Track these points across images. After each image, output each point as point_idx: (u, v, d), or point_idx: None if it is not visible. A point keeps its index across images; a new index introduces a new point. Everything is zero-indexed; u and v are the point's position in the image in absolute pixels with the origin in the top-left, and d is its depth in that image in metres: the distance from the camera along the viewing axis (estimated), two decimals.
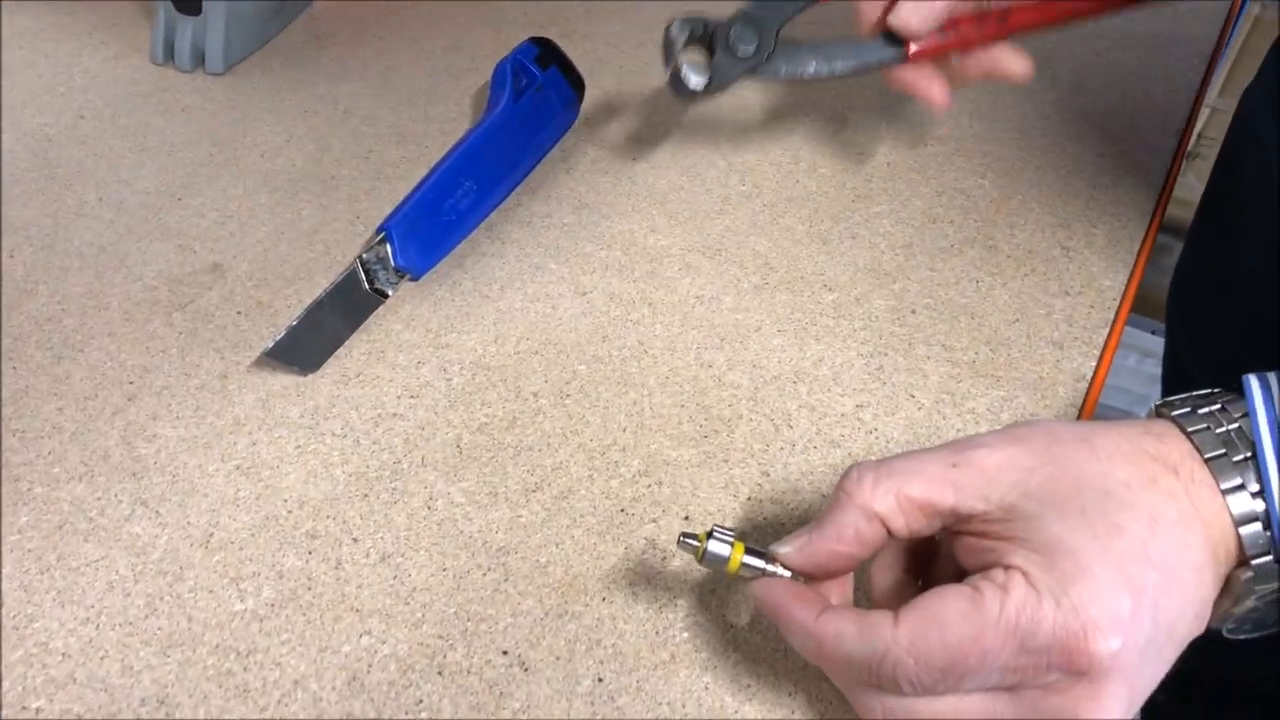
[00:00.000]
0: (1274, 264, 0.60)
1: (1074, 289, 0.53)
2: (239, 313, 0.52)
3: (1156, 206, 0.57)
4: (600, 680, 0.39)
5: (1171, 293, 0.75)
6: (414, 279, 0.52)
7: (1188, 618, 0.31)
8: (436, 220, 0.53)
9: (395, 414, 0.47)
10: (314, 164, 0.60)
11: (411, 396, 0.48)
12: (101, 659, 0.39)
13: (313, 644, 0.40)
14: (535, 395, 0.48)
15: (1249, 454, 0.32)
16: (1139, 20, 0.71)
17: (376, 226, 0.52)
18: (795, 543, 0.35)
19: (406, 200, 0.52)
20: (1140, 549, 0.30)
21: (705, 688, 0.39)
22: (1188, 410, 0.33)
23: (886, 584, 0.37)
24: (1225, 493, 0.31)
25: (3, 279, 0.53)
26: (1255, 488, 0.31)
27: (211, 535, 0.43)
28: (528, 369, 0.49)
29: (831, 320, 0.51)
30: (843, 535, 0.34)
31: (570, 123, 0.61)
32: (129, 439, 0.46)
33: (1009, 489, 0.32)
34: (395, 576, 0.42)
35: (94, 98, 0.64)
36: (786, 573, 0.36)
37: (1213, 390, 0.34)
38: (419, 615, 0.41)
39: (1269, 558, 0.31)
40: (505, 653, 0.40)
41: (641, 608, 0.41)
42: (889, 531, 0.34)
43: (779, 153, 0.61)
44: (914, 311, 0.52)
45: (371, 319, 0.51)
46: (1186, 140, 0.62)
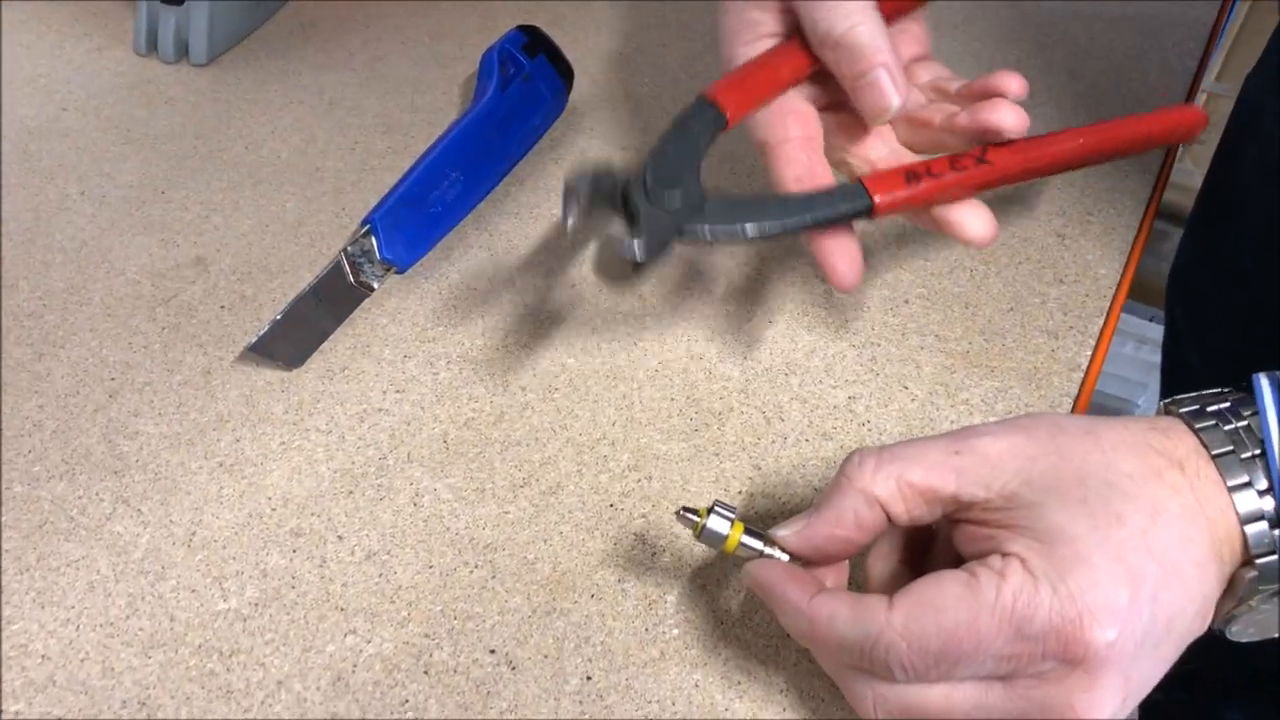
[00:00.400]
0: (1277, 252, 0.60)
1: (1069, 277, 0.52)
2: (222, 307, 0.51)
3: (1153, 193, 0.56)
4: (589, 678, 0.38)
5: (1171, 280, 0.75)
6: (400, 272, 0.51)
7: (1188, 614, 0.31)
8: (422, 212, 0.52)
9: (381, 409, 0.47)
10: (299, 155, 0.59)
11: (397, 391, 0.47)
12: (82, 661, 0.39)
13: (297, 643, 0.39)
14: (523, 389, 0.47)
15: (1257, 451, 0.31)
16: (1134, 3, 0.70)
17: (361, 219, 0.51)
18: (794, 526, 0.35)
19: (392, 192, 0.51)
20: (1141, 540, 0.30)
21: (695, 685, 0.38)
22: (1196, 408, 0.33)
23: (882, 573, 0.36)
24: (1232, 490, 0.31)
25: None
26: (1263, 485, 0.31)
27: (194, 534, 0.42)
28: (515, 362, 0.49)
29: (823, 310, 0.51)
30: (842, 519, 0.34)
31: (559, 112, 0.60)
32: (110, 436, 0.46)
33: (1011, 476, 0.32)
34: (381, 574, 0.41)
35: (76, 90, 0.64)
36: (784, 556, 0.35)
37: (1221, 390, 0.33)
38: (405, 614, 0.40)
39: (1274, 557, 0.31)
40: (492, 651, 0.39)
41: (631, 604, 0.40)
42: (889, 518, 0.34)
43: None
44: (907, 301, 0.51)
45: (357, 313, 0.50)
46: None
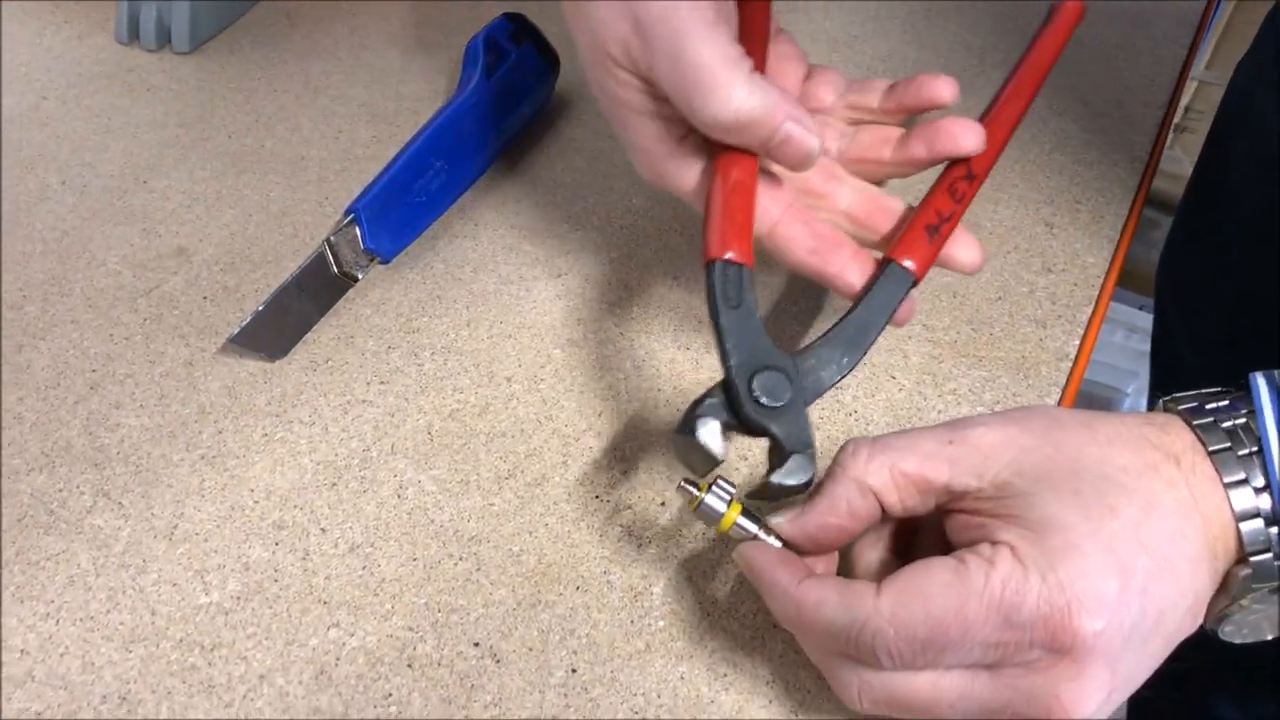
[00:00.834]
0: (1267, 241, 0.59)
1: (1057, 266, 0.52)
2: (205, 298, 0.51)
3: (1141, 182, 0.56)
4: (574, 671, 0.38)
5: (1161, 269, 0.74)
6: (384, 262, 0.51)
7: (1179, 610, 0.30)
8: (407, 201, 0.51)
9: (365, 400, 0.46)
10: (283, 144, 0.59)
11: (381, 383, 0.47)
12: (61, 655, 0.38)
13: (279, 637, 0.39)
14: (509, 380, 0.47)
15: (1255, 449, 0.31)
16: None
17: (345, 208, 0.50)
18: (788, 513, 0.35)
19: (376, 181, 0.51)
20: (1133, 532, 0.30)
21: (681, 677, 0.38)
22: (1194, 405, 0.33)
23: (870, 562, 0.36)
24: (1228, 486, 0.31)
25: None
26: (1259, 483, 0.31)
27: (176, 527, 0.42)
28: (501, 353, 0.48)
29: (810, 300, 0.50)
30: (835, 508, 0.34)
31: (545, 100, 0.59)
32: (91, 428, 0.45)
33: (1004, 467, 0.32)
34: (364, 567, 0.41)
35: (56, 78, 0.63)
36: (777, 543, 0.35)
37: (1220, 389, 0.33)
38: (388, 607, 0.40)
39: (1269, 555, 0.30)
40: (477, 644, 0.39)
41: (616, 596, 0.40)
42: (883, 508, 0.34)
43: None
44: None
45: (340, 303, 0.50)
46: (1172, 114, 0.61)
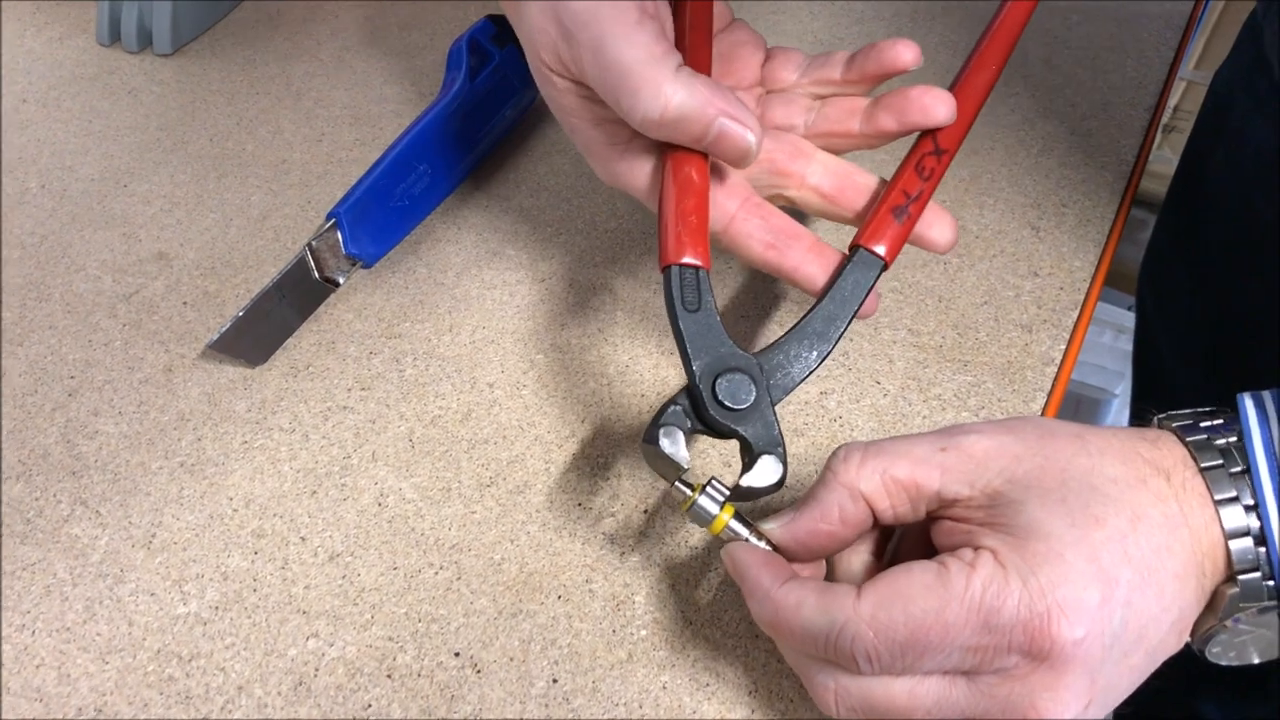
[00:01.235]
0: (1247, 248, 0.59)
1: (1043, 270, 0.51)
2: (185, 303, 0.50)
3: (1128, 185, 0.56)
4: (555, 681, 0.38)
5: (1143, 271, 0.74)
6: (366, 266, 0.50)
7: (1163, 625, 0.30)
8: (389, 205, 0.51)
9: (345, 407, 0.46)
10: (265, 148, 0.58)
11: (363, 389, 0.47)
12: (37, 667, 0.38)
13: (258, 647, 0.38)
14: (491, 386, 0.47)
15: (1246, 467, 0.31)
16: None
17: (327, 213, 0.50)
18: (779, 518, 0.35)
19: (358, 185, 0.50)
20: (1119, 543, 0.30)
21: (663, 687, 0.38)
22: (1188, 422, 0.33)
23: (851, 567, 0.36)
24: (1218, 504, 0.31)
25: None
26: (1250, 501, 0.31)
27: (154, 536, 0.42)
28: (483, 359, 0.48)
29: (794, 305, 0.50)
30: (826, 514, 0.33)
31: (529, 104, 0.59)
32: (69, 436, 0.45)
33: (995, 475, 0.32)
34: (344, 576, 0.40)
35: (36, 80, 0.62)
36: (767, 547, 0.35)
37: (1214, 409, 0.33)
38: (368, 616, 0.39)
39: (1256, 574, 0.30)
40: (457, 654, 0.38)
41: (598, 605, 0.40)
42: (874, 515, 0.33)
43: None
44: (879, 295, 0.50)
45: (322, 308, 0.49)
46: (1159, 116, 0.61)
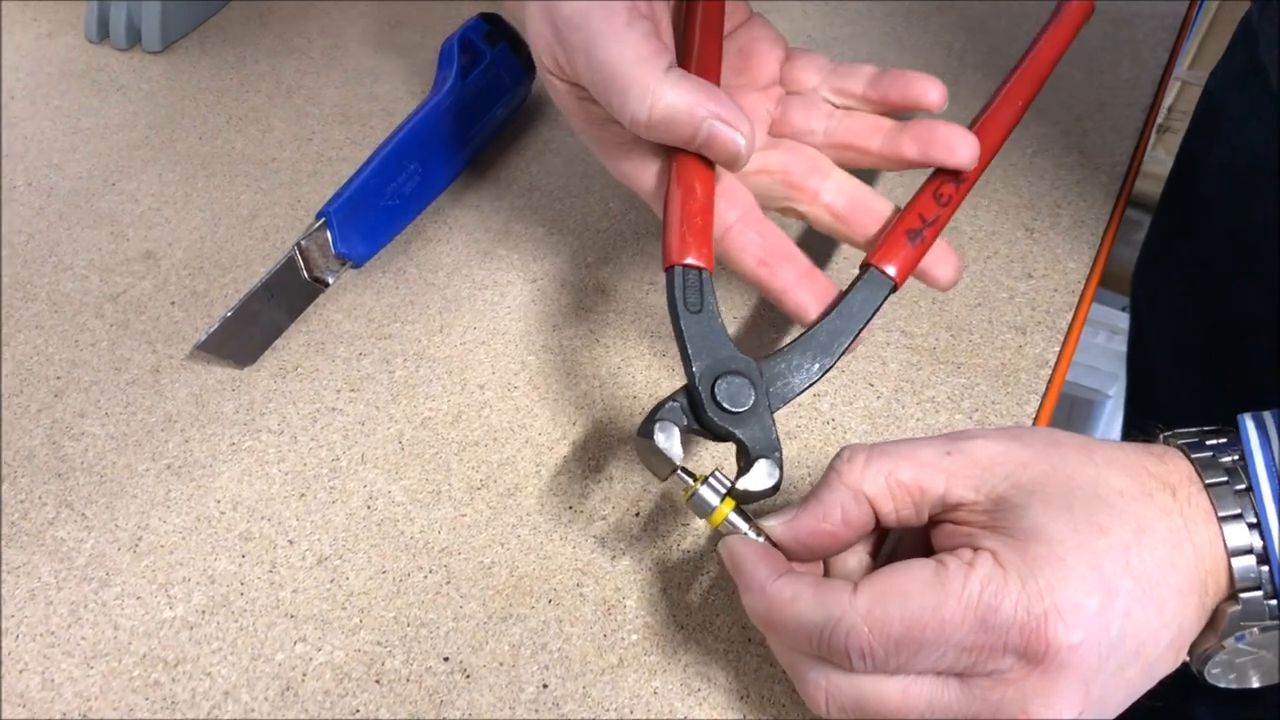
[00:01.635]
0: (1241, 251, 0.59)
1: (1038, 271, 0.51)
2: (173, 303, 0.50)
3: (1123, 186, 0.56)
4: (545, 686, 0.37)
5: (1137, 274, 0.74)
6: (356, 266, 0.50)
7: (1161, 641, 0.30)
8: (379, 205, 0.50)
9: (334, 409, 0.45)
10: (254, 146, 0.58)
11: (352, 390, 0.46)
12: (20, 672, 0.37)
13: (245, 652, 0.38)
14: (481, 388, 0.46)
15: (1249, 485, 0.31)
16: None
17: (316, 212, 0.49)
18: (782, 517, 0.34)
19: (348, 184, 0.50)
20: (1121, 554, 0.30)
21: (654, 692, 0.37)
22: (1193, 439, 0.33)
23: (848, 566, 0.36)
24: (1222, 520, 0.30)
25: None
26: (1253, 519, 0.30)
27: (140, 538, 0.41)
28: (474, 360, 0.47)
29: (770, 314, 0.49)
30: (829, 514, 0.33)
31: (521, 102, 0.58)
32: (55, 438, 0.44)
33: (1000, 480, 0.32)
34: (332, 580, 0.40)
35: (24, 77, 0.62)
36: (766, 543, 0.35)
37: (1219, 427, 0.33)
38: (356, 620, 0.39)
39: (1259, 593, 0.30)
40: (446, 659, 0.38)
41: (589, 610, 0.39)
42: (877, 517, 0.33)
43: None
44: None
45: (311, 309, 0.49)
46: (1154, 117, 0.61)
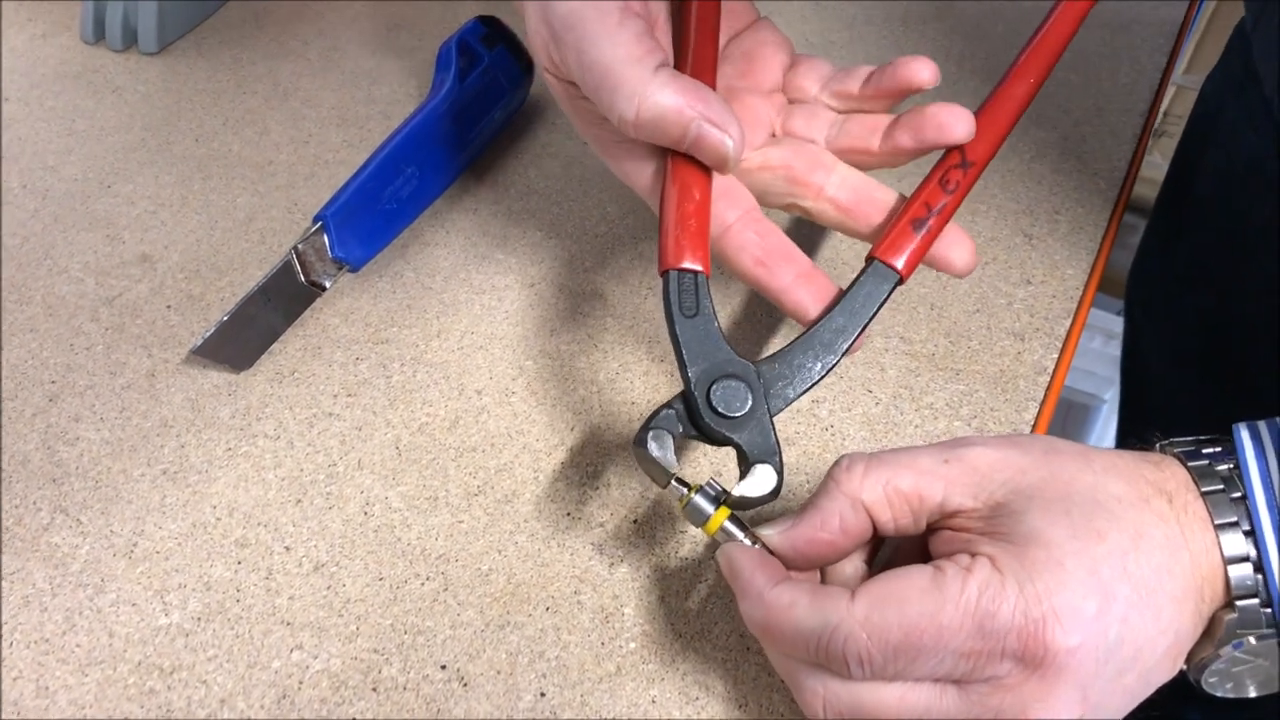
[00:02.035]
0: (1236, 257, 0.59)
1: (1036, 278, 0.51)
2: (169, 307, 0.49)
3: (1121, 191, 0.56)
4: (543, 695, 0.37)
5: (1131, 278, 0.74)
6: (353, 270, 0.50)
7: (1158, 648, 0.30)
8: (377, 208, 0.50)
9: (331, 414, 0.45)
10: (251, 149, 0.57)
11: (349, 395, 0.46)
12: (15, 680, 0.37)
13: (241, 659, 0.38)
14: (479, 393, 0.46)
15: (1245, 493, 0.31)
16: (1104, 1, 0.69)
17: (313, 215, 0.49)
18: (779, 525, 0.34)
19: (345, 187, 0.50)
20: (1119, 559, 0.30)
21: (652, 700, 0.37)
22: (1190, 448, 0.33)
23: (843, 572, 0.36)
24: (1219, 528, 0.31)
25: None
26: (1249, 527, 0.30)
27: (135, 545, 0.41)
28: (472, 365, 0.47)
29: (770, 316, 0.49)
30: (827, 523, 0.33)
31: (519, 105, 0.58)
32: (49, 442, 0.44)
33: (998, 486, 0.32)
34: (329, 587, 0.40)
35: (19, 79, 0.61)
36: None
37: (1216, 435, 0.33)
38: (353, 628, 0.39)
39: (1255, 600, 0.30)
40: (444, 667, 0.38)
41: (587, 617, 0.39)
42: (875, 526, 0.33)
43: None
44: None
45: (308, 313, 0.49)
46: (1151, 122, 0.61)
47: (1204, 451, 0.32)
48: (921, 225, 0.37)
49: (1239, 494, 0.31)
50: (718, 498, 0.35)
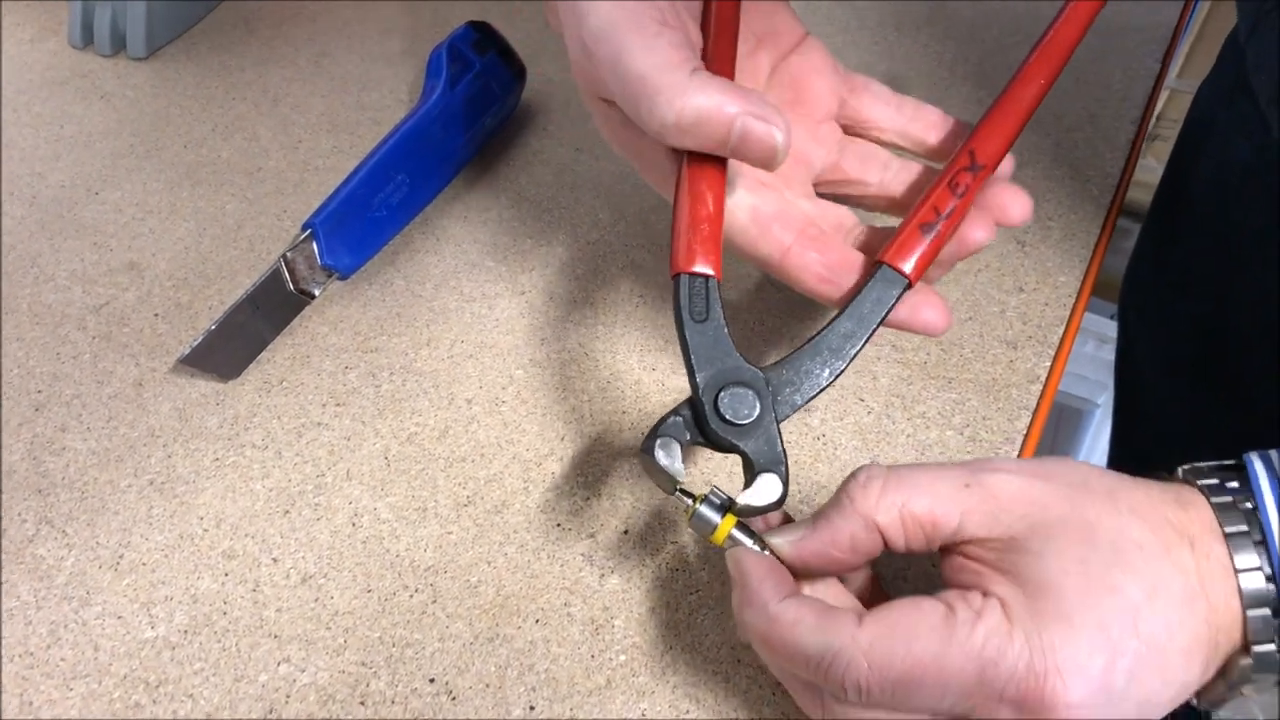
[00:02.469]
0: (1230, 266, 0.59)
1: (1029, 285, 0.51)
2: (156, 315, 0.49)
3: (1114, 198, 0.56)
4: (532, 708, 0.37)
5: (1125, 285, 0.74)
6: (342, 278, 0.49)
7: (1163, 700, 0.30)
8: (366, 216, 0.50)
9: (320, 423, 0.45)
10: (240, 155, 0.57)
11: (337, 404, 0.46)
12: None
13: (228, 673, 0.38)
14: (469, 402, 0.46)
15: (1264, 537, 0.30)
16: None
17: (303, 223, 0.49)
18: (789, 535, 0.34)
19: (334, 195, 0.49)
20: (1130, 615, 0.29)
21: (642, 714, 0.37)
22: (1215, 482, 0.32)
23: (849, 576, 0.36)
24: (1239, 573, 0.30)
25: None
26: (1271, 571, 0.30)
27: (122, 556, 0.41)
28: (461, 374, 0.47)
29: (778, 321, 0.49)
30: (837, 540, 0.33)
31: (510, 112, 0.58)
32: (35, 452, 0.44)
33: (1017, 520, 0.31)
34: (316, 599, 0.39)
35: (6, 84, 0.61)
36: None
37: (1237, 461, 0.33)
38: (341, 641, 0.38)
39: (1271, 646, 0.30)
40: (432, 680, 0.37)
41: (576, 630, 0.39)
42: (886, 545, 0.33)
43: None
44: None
45: (296, 321, 0.48)
46: (1144, 128, 0.61)
47: (1228, 486, 0.31)
48: (930, 229, 0.37)
49: (1260, 536, 0.30)
50: (723, 506, 0.35)
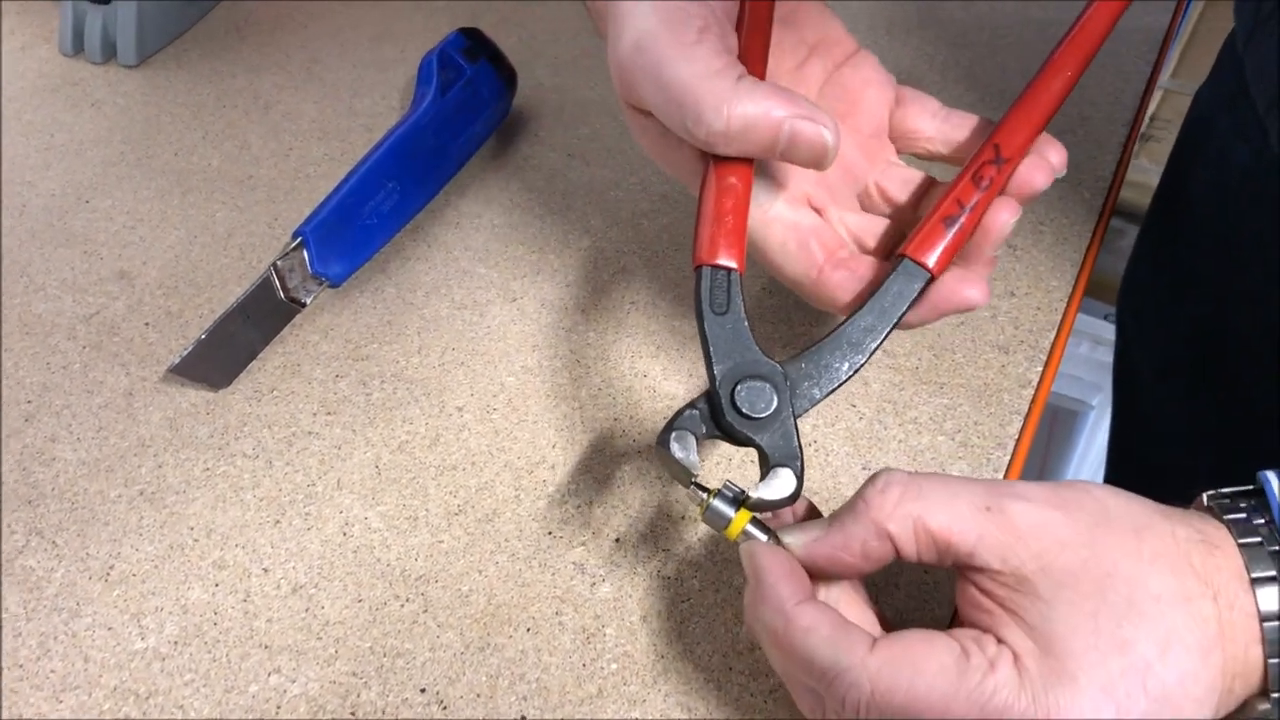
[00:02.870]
0: (1229, 269, 0.59)
1: (1020, 290, 0.51)
2: (147, 324, 0.49)
3: (1105, 202, 0.56)
4: (524, 718, 0.37)
5: (1123, 288, 0.74)
6: (333, 286, 0.49)
7: None
8: (357, 223, 0.50)
9: (310, 432, 0.45)
10: (231, 163, 0.57)
11: (328, 413, 0.46)
12: None
13: (218, 684, 0.37)
14: (460, 410, 0.46)
15: None
16: None
17: (293, 231, 0.49)
18: (803, 535, 0.33)
19: (325, 203, 0.49)
20: (1139, 675, 0.29)
21: None
22: (1243, 517, 0.31)
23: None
24: (1264, 619, 0.29)
25: None
26: None
27: (112, 567, 0.40)
28: (453, 381, 0.47)
29: (770, 326, 0.49)
30: (849, 546, 0.32)
31: (501, 118, 0.58)
32: (25, 463, 0.44)
33: (1031, 558, 0.30)
34: (307, 609, 0.39)
35: None
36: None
37: (1259, 485, 0.32)
38: (332, 651, 0.38)
39: None
40: (423, 690, 0.37)
41: (568, 638, 0.39)
42: (898, 553, 0.32)
43: None
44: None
45: (287, 330, 0.48)
46: (1136, 131, 0.61)
47: (1255, 523, 0.31)
48: (953, 222, 0.37)
49: None
50: (737, 499, 0.34)
